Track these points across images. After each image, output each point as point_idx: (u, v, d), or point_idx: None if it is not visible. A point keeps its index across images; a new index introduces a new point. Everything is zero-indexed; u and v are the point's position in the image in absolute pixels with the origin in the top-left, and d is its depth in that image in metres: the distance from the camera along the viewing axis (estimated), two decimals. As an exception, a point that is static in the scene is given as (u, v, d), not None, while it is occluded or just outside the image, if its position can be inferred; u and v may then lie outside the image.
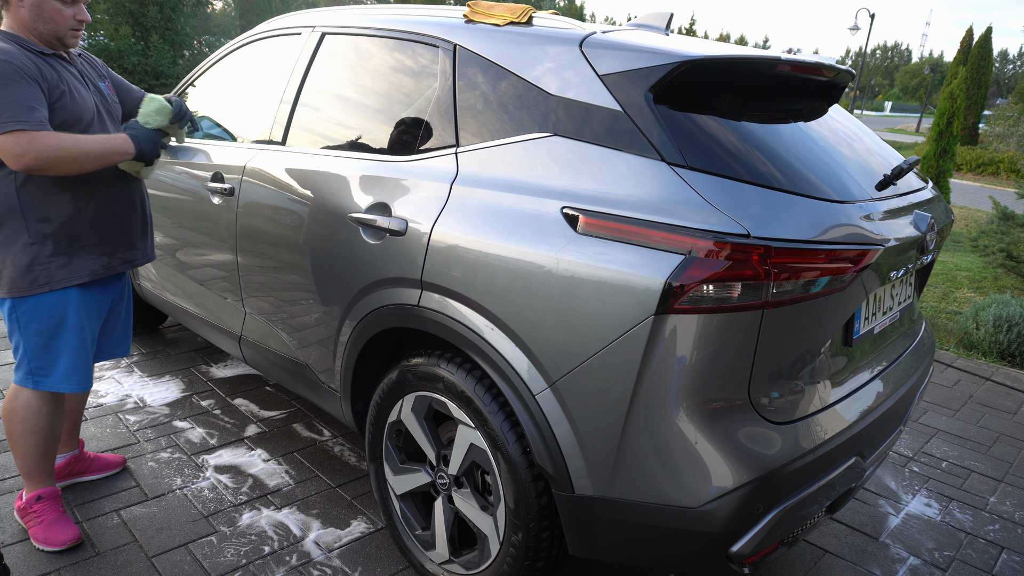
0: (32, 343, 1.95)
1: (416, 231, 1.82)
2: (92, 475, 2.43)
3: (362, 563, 2.14)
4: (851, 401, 1.70)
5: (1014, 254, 6.43)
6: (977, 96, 21.59)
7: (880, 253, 1.56)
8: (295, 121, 2.38)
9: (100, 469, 2.45)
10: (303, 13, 2.60)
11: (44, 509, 2.10)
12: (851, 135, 1.95)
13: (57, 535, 2.07)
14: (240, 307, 2.61)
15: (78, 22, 1.90)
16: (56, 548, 2.06)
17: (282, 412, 3.03)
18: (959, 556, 2.40)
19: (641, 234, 1.44)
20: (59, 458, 2.35)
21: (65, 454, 2.37)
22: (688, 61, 1.54)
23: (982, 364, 4.28)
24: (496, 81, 1.80)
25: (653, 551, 1.57)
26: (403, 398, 1.98)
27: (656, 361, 1.43)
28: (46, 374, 1.98)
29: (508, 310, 1.62)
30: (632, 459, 1.50)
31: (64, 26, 1.88)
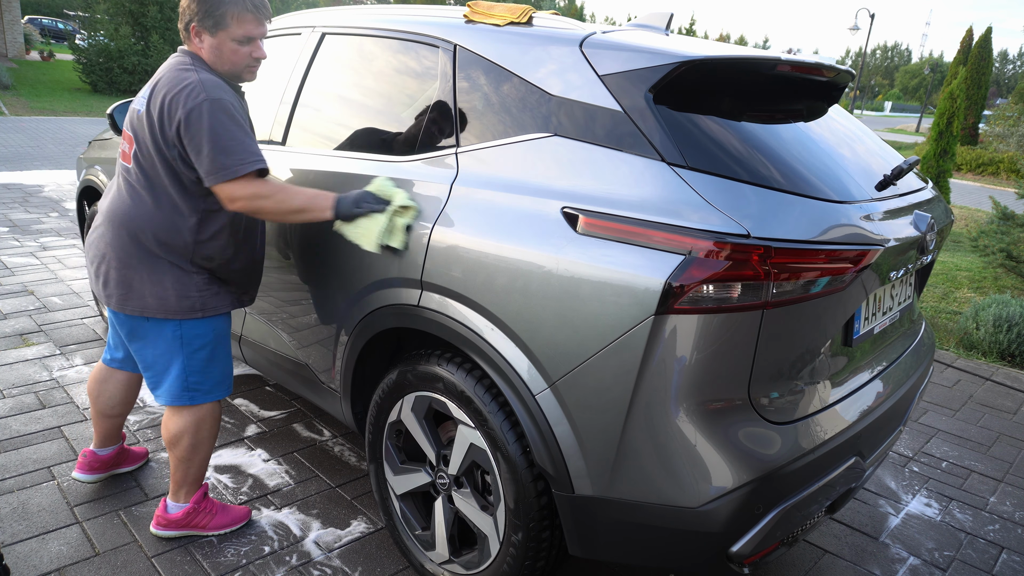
0: (194, 360, 2.02)
1: (416, 231, 1.82)
2: (128, 466, 2.51)
3: (362, 563, 2.15)
4: (851, 401, 1.70)
5: (1014, 254, 6.43)
6: (977, 96, 21.58)
7: (880, 253, 1.56)
8: (295, 121, 2.38)
9: (134, 460, 2.53)
10: (303, 13, 2.60)
11: (211, 501, 2.23)
12: (851, 135, 1.95)
13: (238, 512, 2.26)
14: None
15: (255, 60, 1.93)
16: (244, 521, 2.25)
17: (282, 412, 3.03)
18: (959, 556, 2.40)
19: (641, 234, 1.44)
20: (108, 449, 2.42)
21: (113, 446, 2.43)
22: (688, 61, 1.54)
23: (982, 364, 4.28)
24: (496, 81, 1.80)
25: (653, 551, 1.57)
26: (403, 398, 1.98)
27: (656, 361, 1.43)
28: (206, 388, 2.07)
29: (508, 310, 1.62)
30: (632, 459, 1.50)
31: (241, 65, 1.92)
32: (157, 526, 2.17)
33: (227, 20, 1.84)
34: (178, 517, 2.16)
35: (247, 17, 1.86)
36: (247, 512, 2.28)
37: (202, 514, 2.18)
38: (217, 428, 2.16)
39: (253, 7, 1.86)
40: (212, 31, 1.85)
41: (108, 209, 1.95)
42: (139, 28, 17.98)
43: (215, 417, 2.13)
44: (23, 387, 3.02)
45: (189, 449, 2.09)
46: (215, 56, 1.88)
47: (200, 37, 1.87)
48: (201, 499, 2.19)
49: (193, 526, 2.17)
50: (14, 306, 3.93)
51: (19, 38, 22.86)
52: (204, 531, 2.19)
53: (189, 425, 2.07)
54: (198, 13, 1.84)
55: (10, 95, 15.43)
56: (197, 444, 2.11)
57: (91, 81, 17.73)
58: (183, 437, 2.08)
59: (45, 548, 2.09)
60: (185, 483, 2.16)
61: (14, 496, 2.31)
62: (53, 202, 6.58)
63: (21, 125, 11.79)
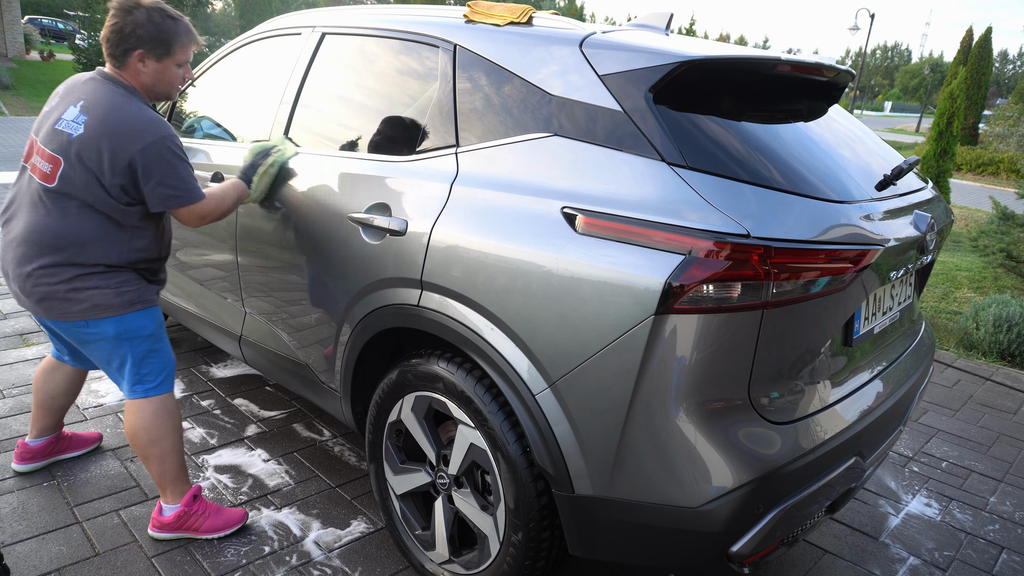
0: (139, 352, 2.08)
1: (416, 231, 1.82)
2: (73, 452, 2.55)
3: (362, 563, 2.15)
4: (851, 401, 1.70)
5: (1014, 254, 6.43)
6: (977, 96, 21.57)
7: (880, 253, 1.56)
8: (295, 121, 2.38)
9: (80, 446, 2.57)
10: (303, 13, 2.60)
11: (204, 503, 2.22)
12: (851, 135, 1.95)
13: (232, 514, 2.24)
14: (240, 307, 2.61)
15: (182, 82, 2.09)
16: (238, 525, 2.23)
17: (282, 412, 3.03)
18: (959, 556, 2.40)
19: (641, 234, 1.44)
20: (40, 440, 2.45)
21: (46, 436, 2.46)
22: (688, 61, 1.54)
23: (982, 364, 4.28)
24: (496, 81, 1.80)
25: (653, 551, 1.57)
26: (403, 398, 1.98)
27: (656, 361, 1.43)
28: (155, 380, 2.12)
29: (508, 310, 1.62)
30: (632, 459, 1.50)
31: (175, 86, 2.07)
32: (153, 528, 2.18)
33: (174, 48, 1.99)
34: (170, 520, 2.16)
35: (189, 46, 2.04)
36: (243, 514, 2.25)
37: (194, 516, 2.18)
38: (175, 421, 2.15)
39: (192, 36, 2.04)
40: (160, 58, 1.97)
41: (29, 229, 1.95)
42: (139, 28, 17.93)
43: (169, 410, 2.13)
44: (23, 387, 3.02)
45: (149, 445, 2.11)
46: (156, 79, 2.01)
47: (144, 62, 1.97)
48: (191, 502, 2.18)
49: (186, 529, 2.17)
50: (14, 306, 3.93)
51: (19, 38, 22.86)
52: (198, 534, 2.18)
53: (144, 420, 2.09)
54: (149, 42, 1.95)
55: (10, 95, 15.43)
56: (157, 439, 2.11)
57: (91, 81, 17.69)
58: (139, 433, 2.10)
59: (45, 548, 2.09)
60: (164, 482, 2.16)
61: (14, 496, 2.31)
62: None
63: (21, 125, 11.79)
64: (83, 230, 1.94)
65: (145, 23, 1.92)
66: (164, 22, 1.95)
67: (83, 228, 1.94)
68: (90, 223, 1.94)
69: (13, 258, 1.99)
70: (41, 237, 1.94)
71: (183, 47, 2.00)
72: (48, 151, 1.93)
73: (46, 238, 1.94)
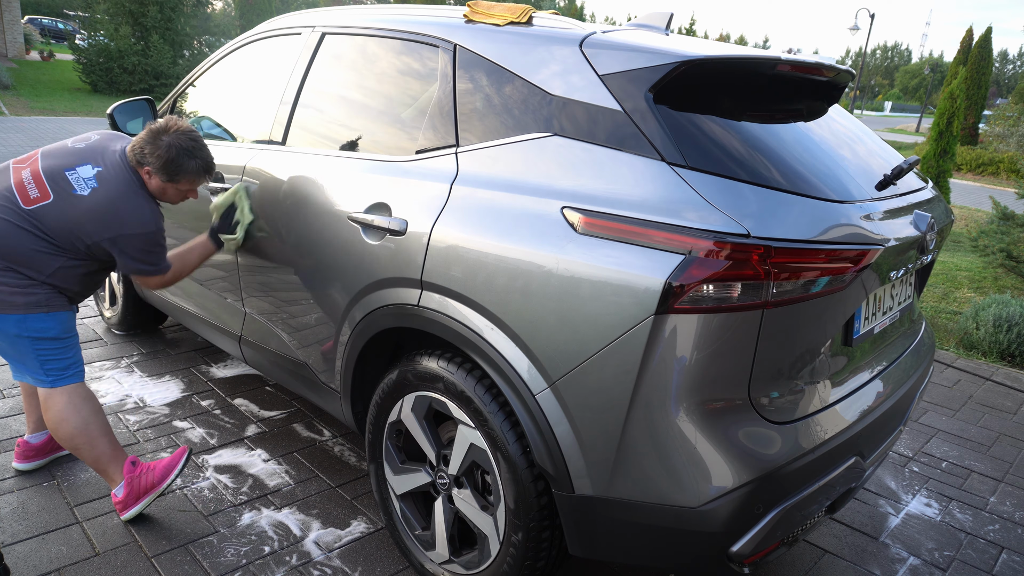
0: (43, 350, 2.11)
1: (416, 231, 1.82)
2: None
3: (362, 563, 2.14)
4: (851, 401, 1.70)
5: (1014, 254, 6.43)
6: (977, 96, 21.57)
7: (880, 253, 1.56)
8: (295, 121, 2.38)
9: None
10: (303, 13, 2.60)
11: (142, 464, 2.25)
12: (851, 135, 1.95)
13: (174, 458, 2.28)
14: (240, 307, 2.61)
15: (184, 198, 2.23)
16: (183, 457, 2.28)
17: (282, 412, 3.03)
18: (959, 556, 2.40)
19: (641, 234, 1.44)
20: (39, 436, 2.48)
21: (45, 431, 2.49)
22: (688, 61, 1.54)
23: (982, 364, 4.28)
24: (496, 81, 1.80)
25: (653, 551, 1.57)
26: (403, 398, 1.98)
27: (656, 361, 1.43)
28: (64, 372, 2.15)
29: (508, 310, 1.62)
30: (632, 459, 1.50)
31: (176, 201, 2.22)
32: (120, 512, 2.22)
33: (179, 180, 2.13)
34: (126, 495, 2.20)
35: (197, 180, 2.18)
36: (183, 450, 2.30)
37: (142, 477, 2.22)
38: (96, 405, 2.19)
39: (205, 173, 2.18)
40: (164, 181, 2.12)
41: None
42: (139, 28, 17.98)
43: (83, 396, 2.16)
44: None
45: (72, 435, 2.14)
46: (159, 192, 2.16)
47: (152, 177, 2.11)
48: (132, 468, 2.22)
49: (142, 491, 2.21)
50: (14, 306, 3.92)
51: (19, 38, 22.86)
52: (158, 487, 2.22)
53: (60, 412, 2.13)
54: (159, 168, 2.09)
55: (10, 95, 15.43)
56: (79, 428, 2.14)
57: (91, 81, 17.73)
58: (60, 425, 2.13)
59: (45, 548, 2.09)
60: (102, 466, 2.20)
61: (14, 496, 2.31)
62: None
63: (21, 125, 11.79)
64: (21, 245, 2.00)
65: (162, 152, 2.06)
66: (178, 157, 2.08)
67: (23, 244, 2.00)
68: (32, 245, 2.01)
69: None
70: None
71: (189, 181, 2.15)
72: (45, 183, 2.03)
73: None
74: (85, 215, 2.01)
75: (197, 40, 18.89)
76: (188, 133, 2.11)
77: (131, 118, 2.96)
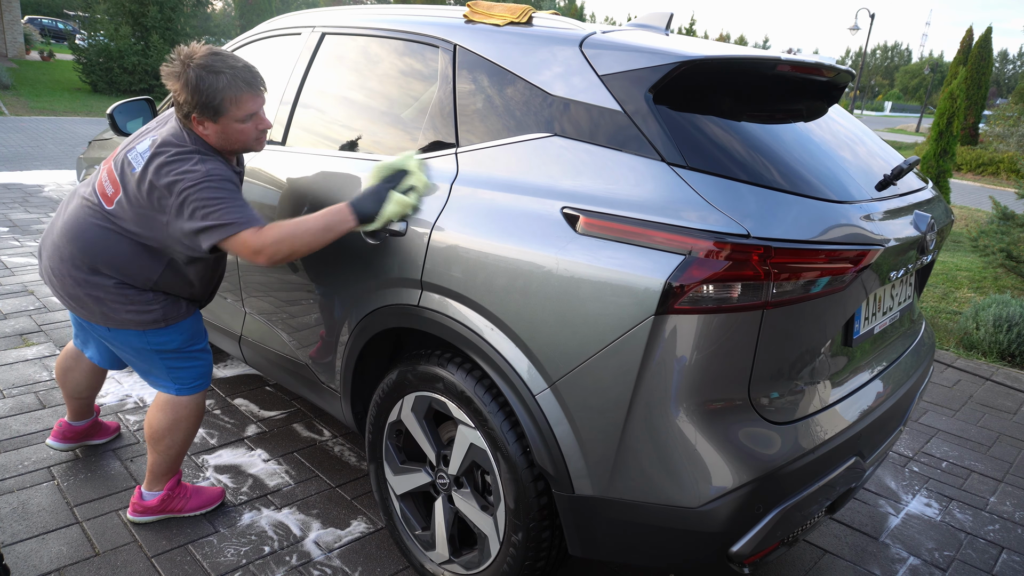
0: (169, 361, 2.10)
1: (416, 231, 1.82)
2: (100, 439, 2.65)
3: (362, 563, 2.14)
4: (851, 401, 1.70)
5: (1014, 254, 6.43)
6: (977, 96, 21.57)
7: (880, 253, 1.56)
8: (295, 121, 2.38)
9: (106, 434, 2.67)
10: (303, 13, 2.60)
11: (185, 486, 2.29)
12: (851, 135, 1.95)
13: (211, 493, 2.33)
14: (240, 307, 2.61)
15: (261, 131, 1.94)
16: (218, 502, 2.33)
17: (282, 412, 3.03)
18: (959, 556, 2.40)
19: (641, 234, 1.44)
20: (82, 422, 2.55)
21: (86, 419, 2.56)
22: (688, 61, 1.54)
23: (982, 364, 4.28)
24: (496, 82, 1.80)
25: (653, 551, 1.57)
26: (403, 398, 1.98)
27: (656, 361, 1.43)
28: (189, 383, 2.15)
29: (508, 310, 1.62)
30: (632, 459, 1.50)
31: (251, 139, 1.93)
32: (134, 513, 2.23)
33: (226, 106, 1.83)
34: (154, 504, 2.22)
35: (244, 97, 1.85)
36: (221, 492, 2.35)
37: (177, 499, 2.25)
38: (199, 422, 2.21)
39: (247, 85, 1.85)
40: (214, 118, 1.85)
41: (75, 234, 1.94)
42: (139, 28, 17.97)
43: (199, 413, 2.19)
44: (23, 387, 3.02)
45: (164, 439, 2.16)
46: (222, 139, 1.89)
47: (203, 124, 1.86)
48: (175, 485, 2.25)
49: (169, 510, 2.25)
50: (14, 306, 3.93)
51: (19, 38, 22.86)
52: (181, 513, 2.26)
53: (174, 421, 2.14)
54: (196, 106, 1.82)
55: (10, 95, 15.43)
56: (175, 437, 2.16)
57: (91, 81, 17.73)
58: (167, 433, 2.15)
59: (45, 548, 2.09)
60: (159, 471, 2.22)
61: (14, 496, 2.31)
62: (53, 202, 6.58)
63: (21, 125, 11.78)
64: (120, 252, 1.91)
65: (189, 86, 1.80)
66: (203, 81, 1.79)
67: (120, 251, 1.91)
68: (127, 249, 1.91)
69: (51, 243, 2.01)
70: (80, 234, 1.93)
71: (237, 102, 1.83)
72: (116, 176, 1.91)
73: (84, 240, 1.92)
74: (142, 189, 1.83)
75: (197, 40, 18.91)
76: (206, 54, 1.82)
77: (131, 118, 2.95)
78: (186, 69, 1.80)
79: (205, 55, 1.82)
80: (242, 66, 1.85)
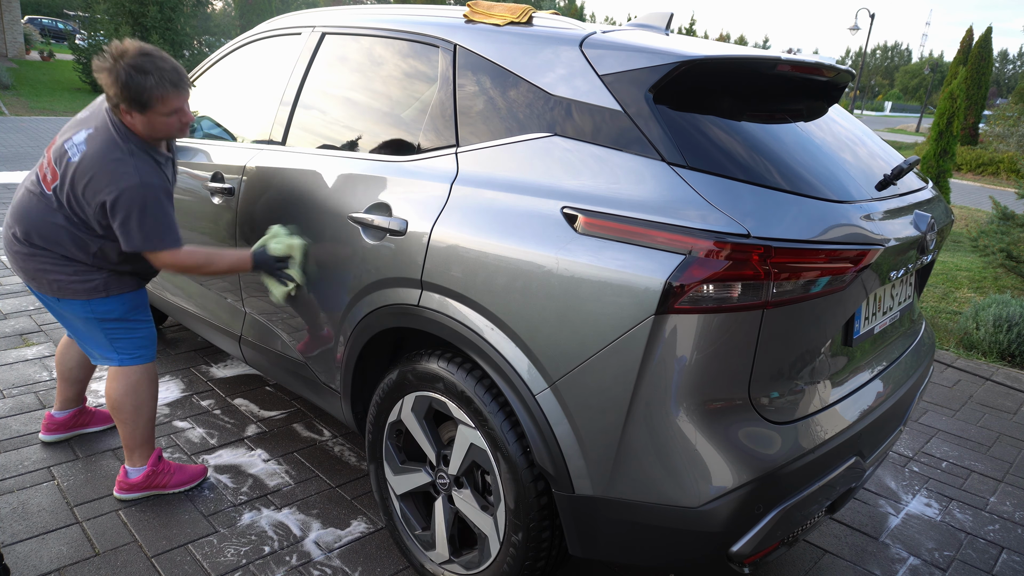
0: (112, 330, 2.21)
1: (416, 231, 1.82)
2: (94, 427, 2.72)
3: (362, 563, 2.14)
4: (851, 401, 1.70)
5: (1014, 254, 6.43)
6: (977, 96, 21.57)
7: (880, 253, 1.56)
8: (295, 121, 2.38)
9: (101, 422, 2.74)
10: (303, 13, 2.60)
11: (167, 462, 2.38)
12: (851, 135, 1.95)
13: (194, 470, 2.43)
14: (240, 307, 2.61)
15: (183, 124, 2.09)
16: (201, 478, 2.43)
17: (282, 412, 3.03)
18: (959, 556, 2.40)
19: (641, 234, 1.44)
20: (64, 412, 2.63)
21: (70, 408, 2.63)
22: (688, 61, 1.54)
23: (982, 364, 4.28)
24: (496, 81, 1.80)
25: (653, 551, 1.57)
26: (403, 398, 1.98)
27: (656, 361, 1.43)
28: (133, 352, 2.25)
29: (508, 310, 1.62)
30: (632, 459, 1.50)
31: (174, 131, 2.08)
32: (120, 490, 2.30)
33: (153, 102, 1.97)
34: (138, 480, 2.30)
35: (169, 96, 1.99)
36: (203, 469, 2.46)
37: (161, 475, 2.34)
38: (155, 390, 2.31)
39: (172, 85, 1.99)
40: (141, 111, 1.99)
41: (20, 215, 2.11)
42: (139, 28, 17.96)
43: (150, 379, 2.29)
44: (23, 387, 3.02)
45: (132, 411, 2.26)
46: (148, 129, 2.03)
47: (131, 115, 2.00)
48: (157, 461, 2.34)
49: (155, 487, 2.32)
50: (14, 306, 3.93)
51: (19, 38, 22.86)
52: (165, 489, 2.34)
53: (128, 387, 2.24)
54: (124, 99, 1.96)
55: (10, 95, 15.43)
56: (138, 406, 2.26)
57: (91, 81, 17.71)
58: (124, 400, 2.24)
59: (45, 548, 2.09)
60: (136, 446, 2.31)
61: (14, 496, 2.31)
62: (53, 202, 6.57)
63: (21, 125, 11.79)
64: (59, 231, 2.07)
65: (119, 82, 1.93)
66: (132, 80, 1.92)
67: (59, 229, 2.06)
68: (67, 227, 2.06)
69: (5, 226, 2.16)
70: (24, 215, 2.09)
71: (162, 98, 1.97)
72: (54, 163, 2.06)
73: (28, 220, 2.09)
74: (77, 183, 1.99)
75: (197, 40, 18.87)
76: (138, 51, 1.94)
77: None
78: (116, 66, 1.93)
79: (135, 55, 1.94)
80: (170, 68, 1.99)
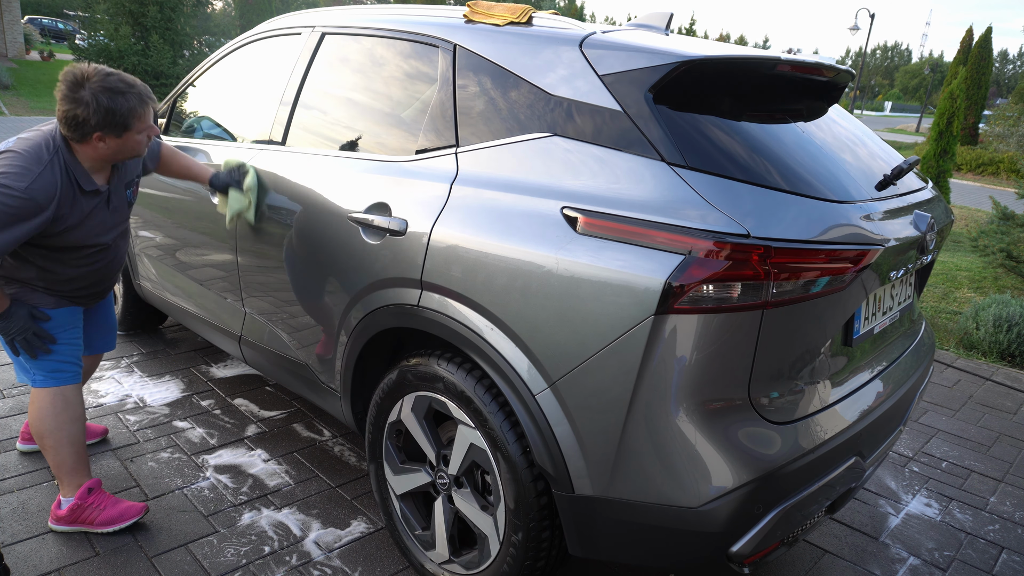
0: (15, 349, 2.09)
1: (416, 231, 1.82)
2: None
3: (362, 563, 2.15)
4: (851, 401, 1.70)
5: (1014, 254, 6.43)
6: (977, 96, 21.57)
7: (880, 253, 1.56)
8: (295, 121, 2.38)
9: (88, 436, 2.62)
10: (303, 13, 2.60)
11: (100, 496, 2.19)
12: (851, 135, 1.95)
13: (129, 508, 2.21)
14: (240, 307, 2.61)
15: (149, 139, 2.02)
16: (135, 518, 2.20)
17: (282, 412, 3.03)
18: (959, 556, 2.40)
19: (641, 234, 1.44)
20: None
21: None
22: (688, 61, 1.54)
23: (982, 364, 4.28)
24: (496, 81, 1.80)
25: (653, 551, 1.57)
26: (403, 398, 1.98)
27: (656, 361, 1.43)
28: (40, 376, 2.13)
29: (508, 310, 1.62)
30: (632, 459, 1.50)
31: (142, 146, 2.00)
32: (51, 520, 2.18)
33: (132, 122, 1.92)
34: (64, 514, 2.16)
35: (146, 112, 1.95)
36: (142, 508, 2.22)
37: (89, 509, 2.16)
38: (72, 414, 2.14)
39: (146, 100, 1.95)
40: (119, 134, 1.92)
41: None
42: (139, 28, 17.97)
43: (64, 403, 2.12)
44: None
45: (49, 436, 2.12)
46: (118, 151, 1.96)
47: (104, 141, 1.92)
48: (86, 495, 2.17)
49: (80, 522, 2.16)
50: (14, 306, 3.92)
51: (19, 38, 22.87)
52: (92, 527, 2.16)
53: (37, 412, 2.12)
54: (104, 125, 1.87)
55: (10, 95, 15.43)
56: (54, 431, 2.11)
57: (91, 81, 17.70)
58: (34, 421, 2.13)
59: (45, 548, 2.09)
60: (60, 473, 2.16)
61: (14, 496, 2.31)
62: (53, 202, 6.58)
63: (21, 125, 11.79)
64: None
65: (99, 109, 1.84)
66: (112, 101, 1.85)
67: None
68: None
69: None
70: None
71: (140, 117, 1.93)
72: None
73: None
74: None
75: (197, 40, 18.87)
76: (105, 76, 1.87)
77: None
78: (85, 94, 1.83)
79: (104, 78, 1.86)
80: (139, 84, 1.95)
